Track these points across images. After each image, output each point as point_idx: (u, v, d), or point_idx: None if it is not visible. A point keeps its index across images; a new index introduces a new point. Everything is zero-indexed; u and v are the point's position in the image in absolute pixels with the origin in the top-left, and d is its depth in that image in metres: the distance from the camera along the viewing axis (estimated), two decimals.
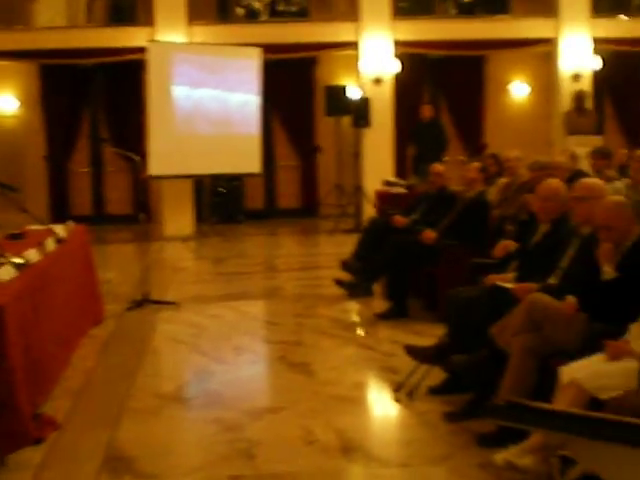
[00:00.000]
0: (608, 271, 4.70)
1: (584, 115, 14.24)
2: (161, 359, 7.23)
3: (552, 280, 5.36)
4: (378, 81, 14.85)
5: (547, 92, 15.70)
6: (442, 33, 14.84)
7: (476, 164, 8.87)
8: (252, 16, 16.06)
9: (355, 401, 5.81)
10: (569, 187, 5.77)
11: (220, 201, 16.10)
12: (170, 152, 13.99)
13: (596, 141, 14.00)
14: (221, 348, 7.25)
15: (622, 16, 15.23)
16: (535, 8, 15.19)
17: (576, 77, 14.60)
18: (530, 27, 14.90)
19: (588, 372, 4.26)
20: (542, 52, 15.51)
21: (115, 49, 14.74)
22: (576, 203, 5.42)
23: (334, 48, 15.18)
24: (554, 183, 5.96)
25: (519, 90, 16.79)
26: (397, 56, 14.94)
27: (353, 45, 14.94)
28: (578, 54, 14.69)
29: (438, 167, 9.46)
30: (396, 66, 15.05)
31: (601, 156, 10.32)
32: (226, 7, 16.36)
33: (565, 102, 14.62)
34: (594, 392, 4.17)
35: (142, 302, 8.80)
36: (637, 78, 16.39)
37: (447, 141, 14.44)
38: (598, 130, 14.62)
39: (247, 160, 14.81)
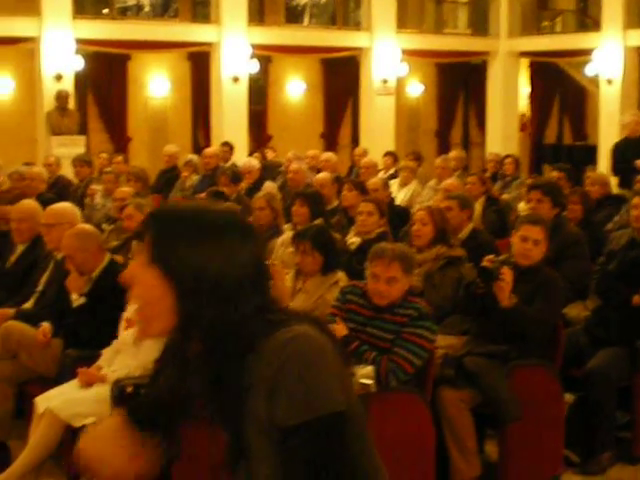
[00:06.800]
0: (75, 298, 4.83)
1: (67, 115, 14.34)
2: None
3: (29, 304, 5.38)
4: None
5: (32, 90, 15.52)
6: None
7: None
8: None
9: None
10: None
11: None
12: None
13: (79, 141, 14.22)
14: None
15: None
16: (18, 6, 14.93)
17: (58, 77, 14.59)
18: (12, 25, 14.61)
19: (62, 400, 4.36)
20: (26, 50, 15.30)
21: None
22: (47, 230, 5.48)
23: None
24: (28, 204, 6.01)
25: (2, 87, 16.41)
26: None
27: None
28: (60, 54, 14.69)
29: None
30: None
31: (82, 164, 10.54)
32: None
33: (48, 102, 14.57)
34: (68, 420, 4.29)
35: None
36: (119, 79, 16.88)
37: None
38: (81, 130, 14.83)
39: None
